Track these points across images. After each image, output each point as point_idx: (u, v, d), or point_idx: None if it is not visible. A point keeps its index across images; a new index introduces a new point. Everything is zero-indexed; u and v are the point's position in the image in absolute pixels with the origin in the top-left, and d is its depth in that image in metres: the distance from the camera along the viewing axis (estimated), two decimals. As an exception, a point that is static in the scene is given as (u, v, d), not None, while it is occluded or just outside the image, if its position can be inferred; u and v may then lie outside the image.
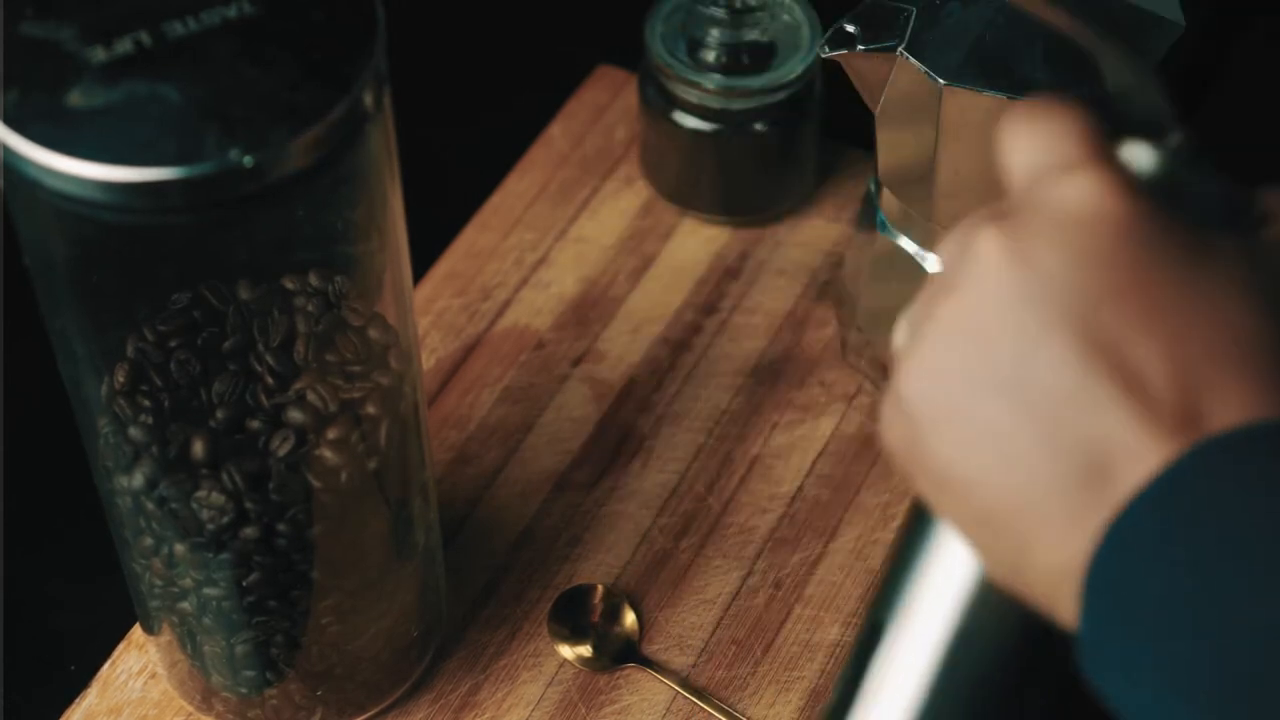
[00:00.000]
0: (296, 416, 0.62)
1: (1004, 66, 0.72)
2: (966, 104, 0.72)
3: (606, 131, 0.98)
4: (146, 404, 0.62)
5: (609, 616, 0.78)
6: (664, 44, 0.90)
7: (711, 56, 0.89)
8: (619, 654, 0.77)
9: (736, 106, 0.89)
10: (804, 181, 0.94)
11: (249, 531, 0.64)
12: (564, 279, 0.91)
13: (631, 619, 0.78)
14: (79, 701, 0.76)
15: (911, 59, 0.73)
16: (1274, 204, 0.44)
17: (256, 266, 0.63)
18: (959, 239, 0.44)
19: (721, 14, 0.89)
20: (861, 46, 0.74)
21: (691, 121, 0.90)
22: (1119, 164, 0.43)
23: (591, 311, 0.90)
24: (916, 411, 0.44)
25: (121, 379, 0.62)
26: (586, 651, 0.77)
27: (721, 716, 0.74)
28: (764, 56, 0.89)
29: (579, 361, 0.88)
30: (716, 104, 0.89)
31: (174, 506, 0.63)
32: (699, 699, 0.75)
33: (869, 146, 0.80)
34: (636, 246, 0.93)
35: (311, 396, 0.62)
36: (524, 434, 0.85)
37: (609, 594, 0.79)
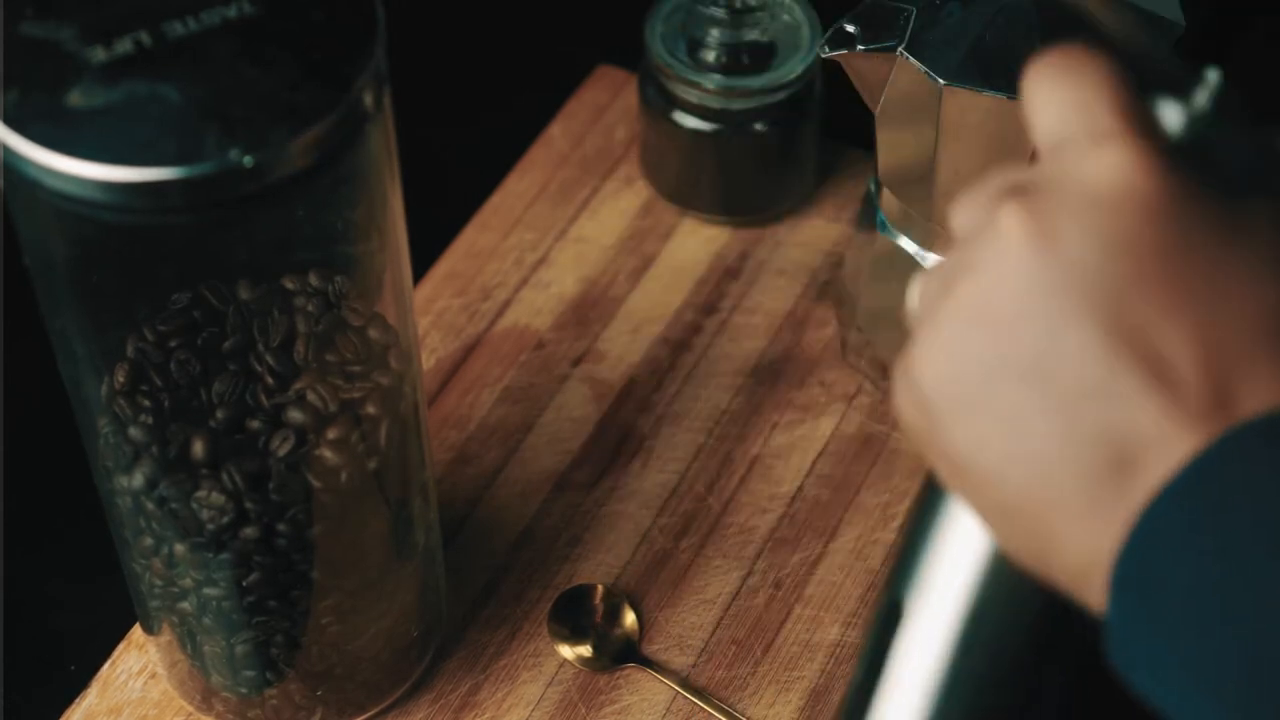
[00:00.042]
0: (296, 416, 0.62)
1: (1004, 66, 0.72)
2: (966, 104, 0.72)
3: (606, 131, 0.98)
4: (146, 404, 0.62)
5: (609, 616, 0.78)
6: (664, 44, 0.90)
7: (711, 56, 0.89)
8: (619, 654, 0.77)
9: (736, 106, 0.89)
10: (804, 181, 0.94)
11: (249, 531, 0.64)
12: (564, 279, 0.91)
13: (631, 619, 0.78)
14: (79, 701, 0.76)
15: (911, 59, 0.73)
16: None
17: (256, 266, 0.63)
18: (980, 204, 0.43)
19: (721, 14, 0.89)
20: (861, 46, 0.74)
21: (691, 121, 0.90)
22: (1149, 129, 0.41)
23: (591, 311, 0.90)
24: (933, 400, 0.42)
25: (121, 379, 0.62)
26: (586, 651, 0.77)
27: (721, 716, 0.74)
28: (764, 56, 0.89)
29: (579, 361, 0.88)
30: (716, 104, 0.89)
31: (174, 506, 0.63)
32: (699, 699, 0.75)
33: (869, 146, 0.80)
34: (636, 246, 0.93)
35: (311, 396, 0.62)
36: (524, 434, 0.85)
37: (609, 594, 0.79)
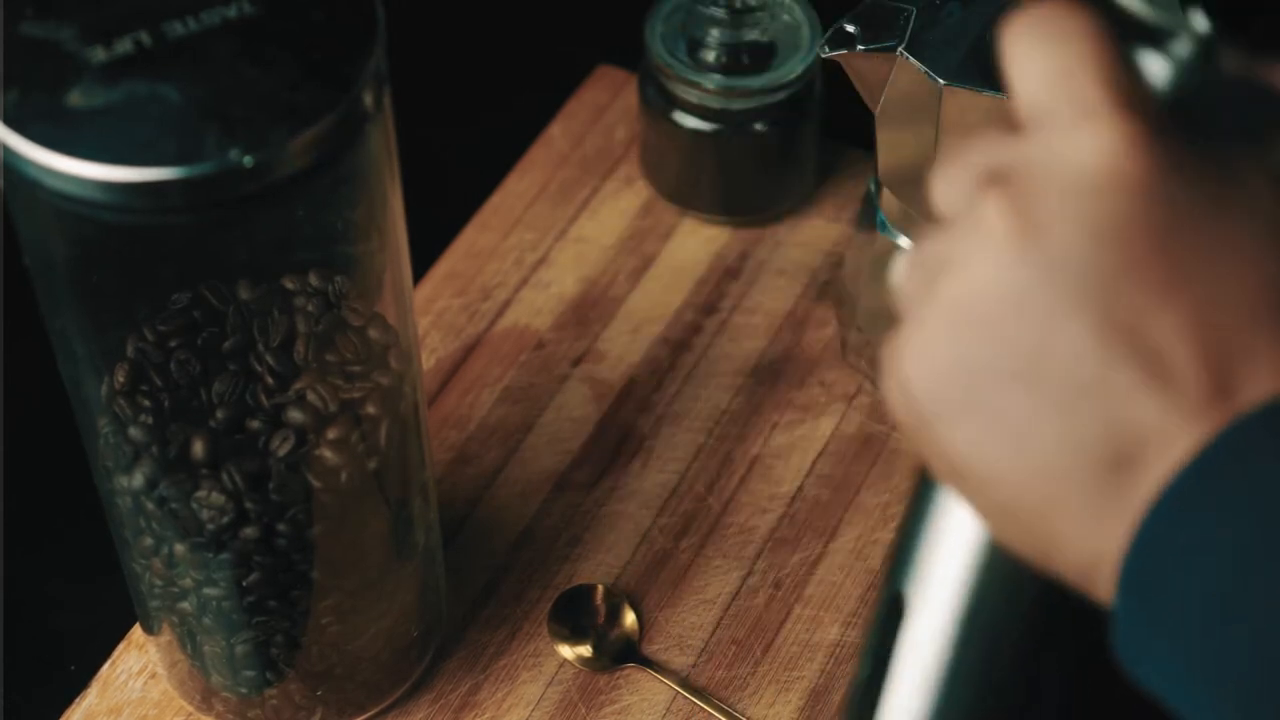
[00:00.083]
0: (296, 416, 0.62)
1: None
2: (966, 104, 0.72)
3: (606, 131, 0.98)
4: (146, 404, 0.62)
5: (609, 616, 0.78)
6: (664, 44, 0.90)
7: (711, 56, 0.89)
8: (619, 654, 0.77)
9: (736, 106, 0.89)
10: (804, 181, 0.94)
11: (249, 531, 0.64)
12: (564, 279, 0.91)
13: (631, 619, 0.78)
14: (79, 701, 0.75)
15: (911, 59, 0.73)
16: None
17: (256, 266, 0.63)
18: (964, 183, 0.41)
19: (721, 14, 0.89)
20: (861, 46, 0.74)
21: (691, 121, 0.90)
22: (1135, 100, 0.39)
23: (591, 311, 0.90)
24: (924, 404, 0.41)
25: (121, 379, 0.62)
26: (586, 651, 0.77)
27: (721, 716, 0.74)
28: (764, 56, 0.89)
29: (579, 361, 0.88)
30: (716, 104, 0.89)
31: (174, 506, 0.63)
32: (699, 699, 0.75)
33: (869, 146, 0.80)
34: (636, 246, 0.93)
35: (311, 396, 0.62)
36: (524, 434, 0.85)
37: (609, 594, 0.79)
